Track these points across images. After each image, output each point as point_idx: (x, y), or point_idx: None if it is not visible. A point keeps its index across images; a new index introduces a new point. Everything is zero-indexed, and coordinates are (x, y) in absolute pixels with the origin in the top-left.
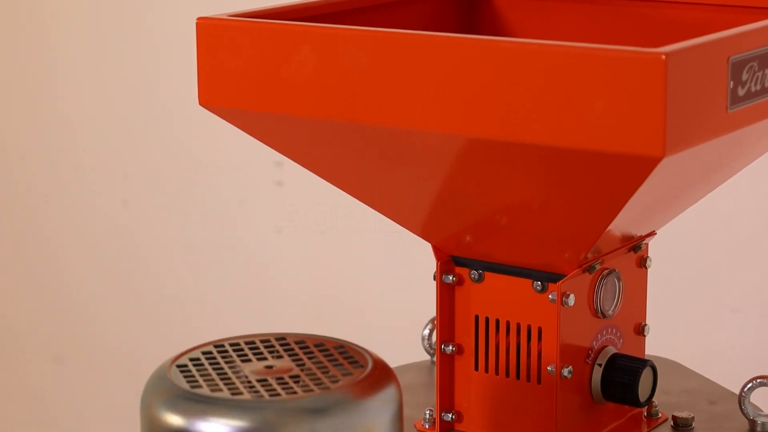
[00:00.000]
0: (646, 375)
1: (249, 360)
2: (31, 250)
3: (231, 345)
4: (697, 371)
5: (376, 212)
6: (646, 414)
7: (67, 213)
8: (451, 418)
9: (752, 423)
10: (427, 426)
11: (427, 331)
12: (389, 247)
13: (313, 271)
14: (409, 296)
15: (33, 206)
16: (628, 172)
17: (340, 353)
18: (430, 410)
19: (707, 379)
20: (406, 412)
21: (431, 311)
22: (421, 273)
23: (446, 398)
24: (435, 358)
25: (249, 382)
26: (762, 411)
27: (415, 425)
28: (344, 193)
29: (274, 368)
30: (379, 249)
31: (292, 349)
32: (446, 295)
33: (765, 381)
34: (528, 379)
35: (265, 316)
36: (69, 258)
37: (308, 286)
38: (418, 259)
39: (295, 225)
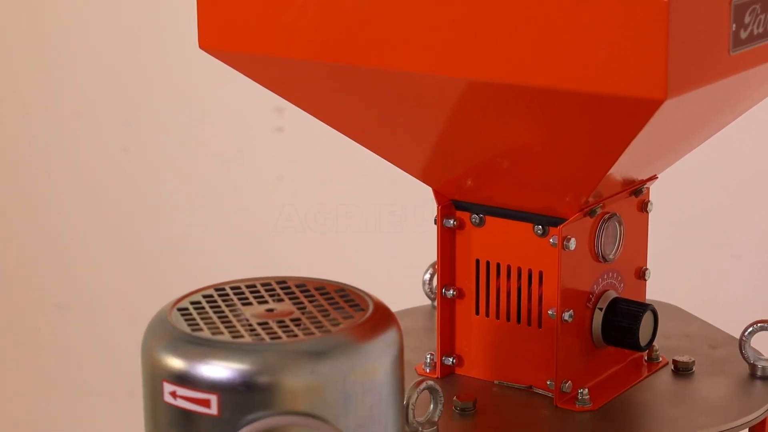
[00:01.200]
0: (646, 319)
1: (250, 303)
2: (32, 198)
3: (232, 288)
4: (697, 316)
5: (377, 158)
6: (646, 358)
7: (68, 161)
8: (452, 362)
9: (752, 367)
10: (427, 370)
11: (427, 276)
12: (390, 193)
13: (314, 219)
14: (409, 241)
15: (33, 155)
16: (630, 115)
17: (341, 296)
18: (431, 354)
19: (708, 324)
20: (406, 356)
21: (432, 256)
22: (422, 218)
23: (447, 342)
24: (436, 303)
25: (250, 325)
26: (762, 355)
27: (415, 369)
28: (346, 137)
29: (275, 311)
30: (381, 194)
31: (293, 293)
32: (447, 240)
33: (765, 325)
34: (529, 323)
35: (265, 262)
36: (70, 206)
37: (309, 232)
38: (420, 204)
39: (296, 172)
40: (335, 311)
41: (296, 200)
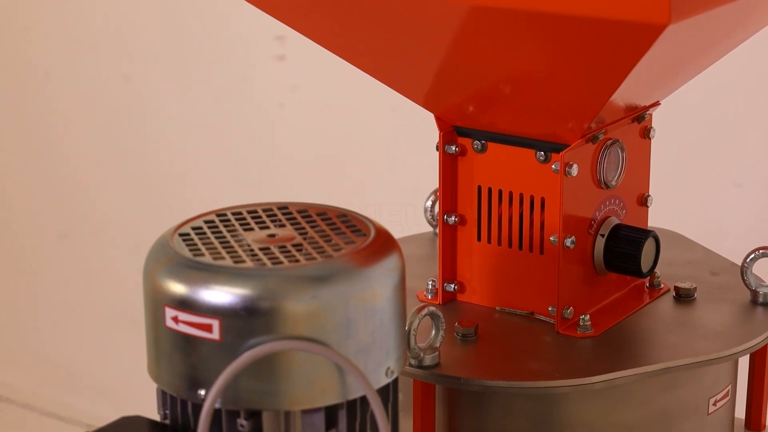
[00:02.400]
0: (648, 245)
1: (251, 229)
2: (34, 127)
3: (233, 214)
4: (699, 243)
5: (379, 85)
6: (648, 285)
7: (69, 90)
8: (454, 288)
9: (754, 293)
10: (429, 297)
11: (429, 203)
12: (392, 122)
13: (315, 146)
14: (411, 169)
15: (34, 84)
16: (633, 40)
17: (343, 222)
18: (433, 281)
19: (709, 251)
20: (408, 282)
21: (434, 183)
22: (424, 146)
23: (449, 269)
24: (437, 230)
25: (251, 250)
26: (764, 282)
27: (417, 296)
28: (347, 65)
29: (276, 237)
30: (382, 123)
31: (295, 218)
32: (449, 166)
33: (767, 252)
34: (530, 249)
35: (267, 189)
36: (71, 135)
37: (311, 159)
38: (421, 132)
39: (298, 100)
40: (337, 236)
41: (297, 128)
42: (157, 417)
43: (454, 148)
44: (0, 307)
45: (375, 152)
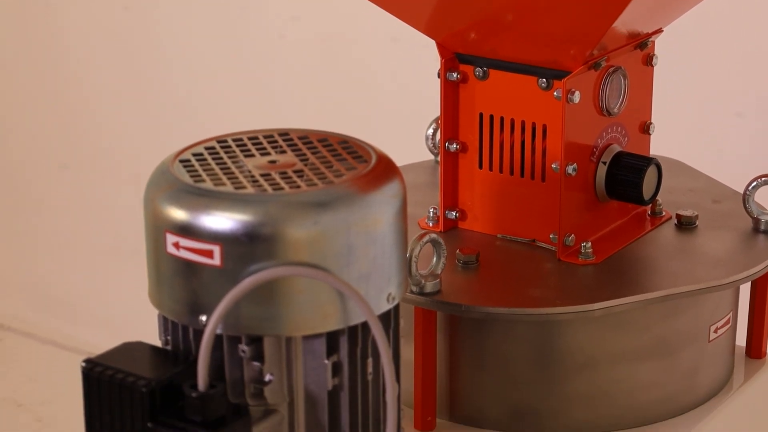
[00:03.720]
0: (650, 173)
1: (252, 155)
2: (35, 59)
3: (234, 140)
4: (701, 171)
5: (380, 17)
6: (650, 212)
7: (69, 21)
8: (455, 216)
9: (756, 221)
10: (430, 224)
11: (430, 131)
12: (393, 52)
13: (317, 75)
14: (412, 98)
15: (35, 15)
16: None
17: (344, 148)
18: (434, 208)
19: (711, 179)
20: (409, 210)
21: (435, 111)
22: (425, 75)
23: (450, 196)
24: (438, 158)
25: (252, 176)
26: (765, 209)
27: (418, 223)
28: None
29: (277, 163)
30: (383, 54)
31: (296, 145)
32: (450, 93)
33: None
34: (532, 176)
35: (268, 116)
36: (72, 66)
37: (312, 88)
38: (422, 62)
39: (298, 31)
40: (338, 163)
41: (298, 58)
42: (158, 344)
43: (455, 75)
44: (1, 237)
45: (376, 82)
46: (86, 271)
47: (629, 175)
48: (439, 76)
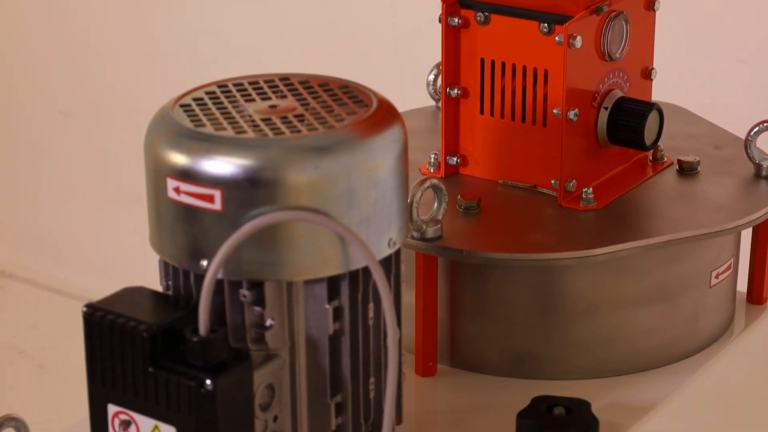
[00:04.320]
0: (652, 118)
1: (253, 100)
2: (34, 3)
3: (234, 85)
4: (703, 117)
5: None
6: (651, 158)
7: None
8: (456, 161)
9: (758, 167)
10: (431, 170)
11: (431, 77)
12: None
13: (318, 20)
14: (413, 44)
15: None
16: None
17: (345, 93)
18: (435, 154)
19: (713, 125)
20: (410, 156)
21: (436, 56)
22: (426, 20)
23: (451, 142)
24: (440, 104)
25: (253, 121)
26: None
27: (419, 169)
28: None
29: (278, 108)
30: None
31: (297, 89)
32: (451, 38)
33: None
34: (533, 122)
35: (269, 62)
36: (71, 9)
37: (313, 33)
38: (424, 6)
39: None
40: (339, 107)
41: (299, 3)
42: (159, 290)
43: (457, 20)
44: (1, 184)
45: (377, 27)
46: (87, 218)
47: (631, 121)
48: (440, 21)
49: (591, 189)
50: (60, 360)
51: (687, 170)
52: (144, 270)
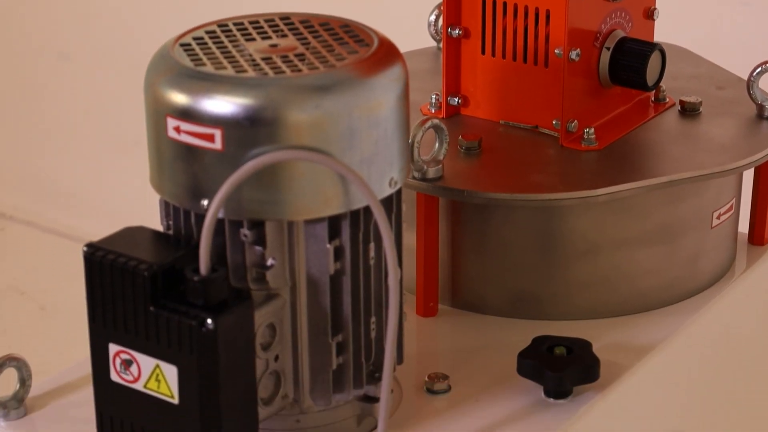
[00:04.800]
0: (654, 58)
1: (253, 39)
2: None
3: (235, 24)
4: (705, 58)
5: None
6: (653, 99)
7: None
8: (457, 102)
9: (760, 108)
10: (432, 110)
11: (433, 17)
12: None
13: None
14: None
15: None
16: None
17: (346, 32)
18: (436, 95)
19: (716, 65)
20: (412, 97)
21: None
22: None
23: (452, 82)
24: (441, 44)
25: (253, 60)
26: None
27: (420, 110)
28: None
29: (278, 47)
30: None
31: (297, 29)
32: None
33: None
34: (535, 62)
35: (269, 1)
36: None
37: None
38: None
39: None
40: (340, 46)
41: None
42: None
43: None
44: (2, 128)
45: None
46: (88, 160)
47: (633, 61)
48: None
49: (592, 129)
50: (61, 302)
51: (689, 111)
52: (145, 213)
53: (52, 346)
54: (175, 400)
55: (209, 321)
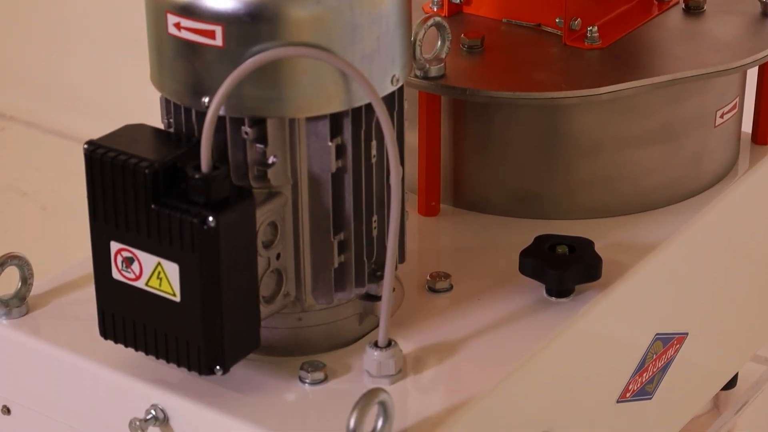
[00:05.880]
0: None
1: None
2: None
3: None
4: None
5: None
6: None
7: None
8: (460, 0)
9: (764, 6)
10: (435, 8)
11: None
12: None
13: None
14: None
15: None
16: None
17: None
18: None
19: None
20: None
21: None
22: None
23: None
24: None
25: None
26: None
27: (422, 8)
28: None
29: None
30: None
31: None
32: None
33: None
34: None
35: None
36: None
37: None
38: None
39: None
40: None
41: None
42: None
43: None
44: (2, 29)
45: None
46: (87, 60)
47: None
48: None
49: (596, 28)
50: (62, 202)
51: (693, 9)
52: (146, 113)
53: (54, 246)
54: (177, 298)
55: (211, 219)
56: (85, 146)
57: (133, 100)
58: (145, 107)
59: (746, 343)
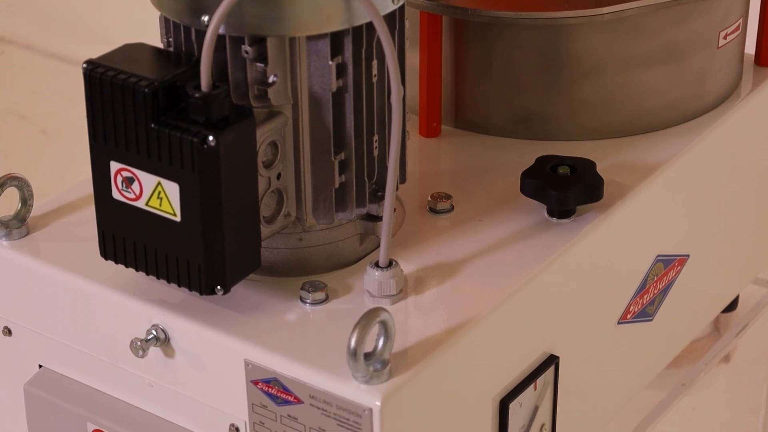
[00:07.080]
0: None
1: None
2: None
3: None
4: None
5: None
6: None
7: None
8: None
9: None
10: None
11: None
12: None
13: None
14: None
15: None
16: None
17: None
18: None
19: None
20: None
21: None
22: None
23: None
24: None
25: None
26: None
27: None
28: None
29: None
30: None
31: None
32: None
33: None
34: None
35: None
36: None
37: None
38: None
39: None
40: None
41: None
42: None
43: None
44: None
45: None
46: None
47: None
48: None
49: None
50: (62, 126)
51: None
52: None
53: (54, 169)
54: (177, 218)
55: (211, 138)
56: (84, 65)
57: (132, 23)
58: (146, 30)
59: (747, 265)
